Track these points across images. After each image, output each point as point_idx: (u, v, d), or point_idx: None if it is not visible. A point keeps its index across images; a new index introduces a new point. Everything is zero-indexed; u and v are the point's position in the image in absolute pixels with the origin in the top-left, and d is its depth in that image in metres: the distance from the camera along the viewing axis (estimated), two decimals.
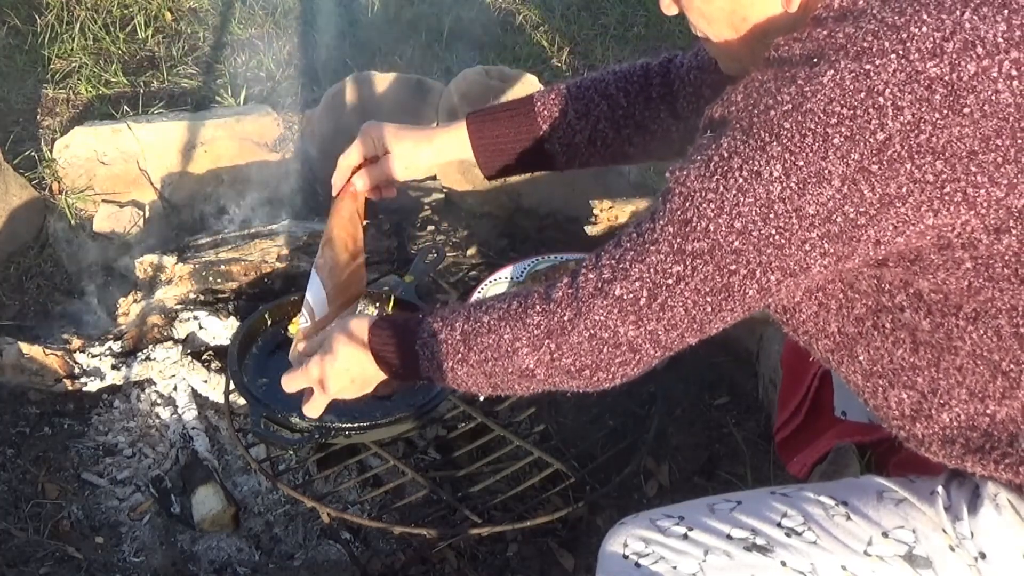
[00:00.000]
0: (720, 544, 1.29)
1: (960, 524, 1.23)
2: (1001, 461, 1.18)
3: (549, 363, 1.25)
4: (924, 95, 1.05)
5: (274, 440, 1.95)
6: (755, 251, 1.12)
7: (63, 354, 2.25)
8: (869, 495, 1.31)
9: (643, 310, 1.19)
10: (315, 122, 2.95)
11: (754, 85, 1.15)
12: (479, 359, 1.30)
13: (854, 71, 1.07)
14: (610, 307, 1.20)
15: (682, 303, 1.17)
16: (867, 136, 1.05)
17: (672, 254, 1.16)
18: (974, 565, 1.23)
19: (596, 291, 1.21)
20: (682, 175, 1.16)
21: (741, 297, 1.16)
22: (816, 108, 1.07)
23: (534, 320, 1.25)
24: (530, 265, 2.28)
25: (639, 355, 1.23)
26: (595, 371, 1.25)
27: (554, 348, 1.24)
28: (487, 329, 1.29)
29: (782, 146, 1.08)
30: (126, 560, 2.00)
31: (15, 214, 2.70)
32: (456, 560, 2.00)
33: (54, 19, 3.57)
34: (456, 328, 1.32)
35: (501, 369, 1.29)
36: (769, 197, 1.09)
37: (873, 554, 1.25)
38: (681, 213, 1.15)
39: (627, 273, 1.19)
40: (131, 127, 2.88)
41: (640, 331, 1.20)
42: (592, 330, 1.22)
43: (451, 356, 1.32)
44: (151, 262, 2.44)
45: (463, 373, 1.32)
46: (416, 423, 1.97)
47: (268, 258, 2.42)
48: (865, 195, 1.07)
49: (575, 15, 3.83)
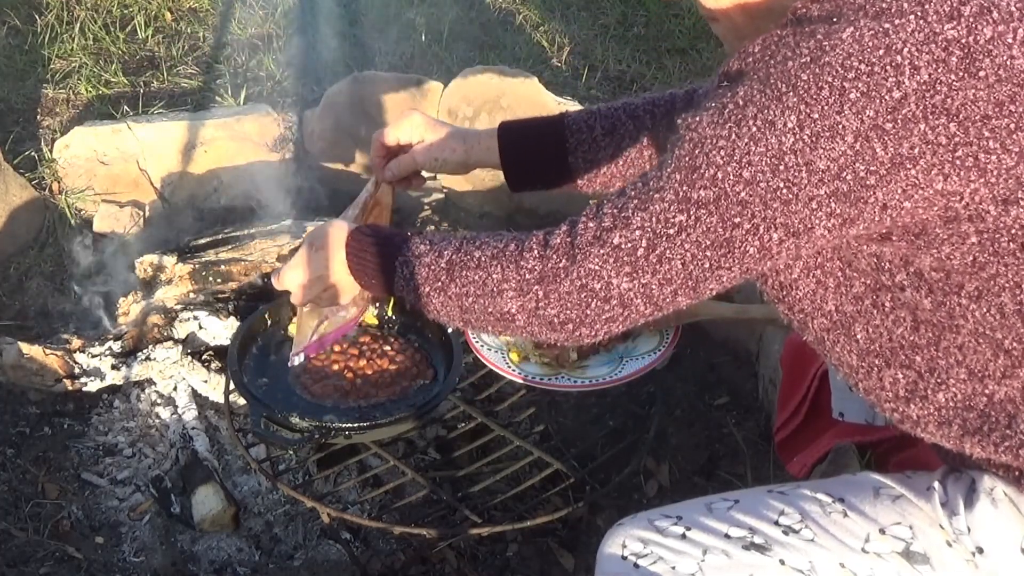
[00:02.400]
0: (718, 543, 1.29)
1: (957, 519, 1.23)
2: (1000, 443, 1.18)
3: (533, 310, 1.24)
4: (941, 56, 1.06)
5: (274, 440, 1.95)
6: (761, 204, 1.11)
7: (63, 354, 2.25)
8: (866, 491, 1.31)
9: (640, 261, 1.17)
10: (315, 122, 2.95)
11: (772, 39, 1.15)
12: (459, 292, 1.29)
13: (873, 29, 1.08)
14: (606, 256, 1.18)
15: (680, 256, 1.16)
16: (883, 93, 1.06)
17: (677, 202, 1.14)
18: (972, 560, 1.23)
19: (594, 239, 1.19)
20: (694, 122, 1.15)
21: (741, 255, 1.15)
22: (834, 62, 1.07)
23: (528, 264, 1.23)
24: None
25: (628, 311, 1.21)
26: (578, 325, 1.23)
27: (541, 296, 1.22)
28: (475, 264, 1.28)
29: (798, 97, 1.08)
30: (126, 560, 2.00)
31: (15, 214, 2.71)
32: (456, 560, 2.00)
33: (54, 19, 3.57)
34: (443, 256, 1.31)
35: (480, 307, 1.28)
36: (781, 148, 1.09)
37: (871, 551, 1.25)
38: (690, 159, 1.14)
39: (628, 222, 1.17)
40: (131, 127, 2.88)
41: (634, 284, 1.18)
42: (584, 279, 1.20)
43: (430, 282, 1.31)
44: (151, 262, 2.44)
45: (438, 302, 1.32)
46: (416, 423, 1.97)
47: (268, 258, 2.42)
48: (877, 153, 1.07)
49: (575, 15, 3.83)
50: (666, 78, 3.53)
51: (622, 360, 2.05)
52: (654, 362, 2.01)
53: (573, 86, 3.46)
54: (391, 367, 2.06)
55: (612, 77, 3.56)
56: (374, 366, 2.07)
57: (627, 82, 3.53)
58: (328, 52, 3.41)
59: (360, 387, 2.02)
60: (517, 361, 2.06)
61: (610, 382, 1.99)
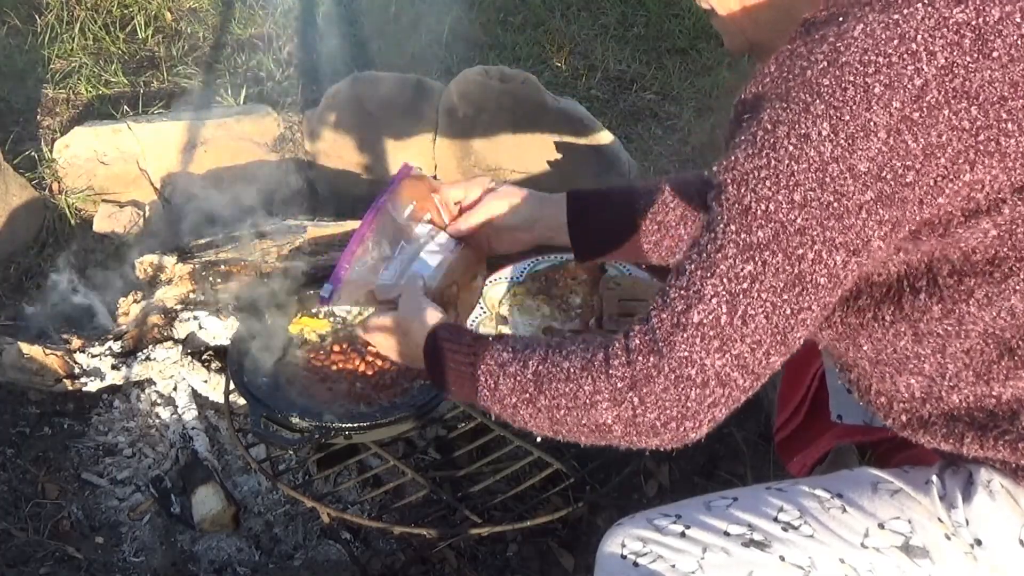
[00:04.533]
0: (718, 541, 1.29)
1: (955, 512, 1.24)
2: (1000, 438, 1.18)
3: (631, 419, 1.18)
4: (954, 39, 1.07)
5: (274, 440, 1.95)
6: (818, 225, 1.09)
7: (63, 354, 2.25)
8: (864, 487, 1.31)
9: (726, 330, 1.13)
10: (315, 122, 2.95)
11: (785, 55, 1.15)
12: (550, 404, 1.24)
13: (883, 21, 1.09)
14: (692, 337, 1.14)
15: (761, 309, 1.12)
16: (905, 82, 1.06)
17: (739, 253, 1.12)
18: (970, 552, 1.23)
19: (674, 326, 1.15)
20: (729, 163, 1.14)
21: (815, 288, 1.12)
22: (852, 60, 1.07)
23: (617, 372, 1.18)
24: (530, 265, 2.28)
25: (727, 389, 1.15)
26: (681, 421, 1.17)
27: (637, 402, 1.17)
28: (565, 376, 1.23)
29: (825, 103, 1.07)
30: (126, 560, 2.00)
31: (15, 214, 2.71)
32: (456, 560, 2.00)
33: (54, 19, 3.57)
34: (529, 366, 1.27)
35: (573, 420, 1.23)
36: (822, 158, 1.07)
37: (870, 546, 1.25)
38: (738, 202, 1.12)
39: (700, 294, 1.14)
40: (131, 127, 2.88)
41: (726, 357, 1.13)
42: (677, 370, 1.15)
43: (518, 393, 1.27)
44: (151, 262, 2.44)
45: (527, 413, 1.27)
46: (416, 423, 1.97)
47: (268, 258, 2.42)
48: (910, 146, 1.07)
49: (575, 15, 3.83)
50: (666, 78, 3.53)
51: None
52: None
53: (573, 86, 3.46)
54: (391, 367, 2.06)
55: (612, 77, 3.56)
56: (374, 367, 2.07)
57: (627, 82, 3.53)
58: (328, 52, 3.42)
59: (360, 388, 2.02)
60: None
61: None
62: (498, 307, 2.21)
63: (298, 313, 2.17)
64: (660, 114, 3.39)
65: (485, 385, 1.31)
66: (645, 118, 3.36)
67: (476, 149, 2.84)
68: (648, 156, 3.14)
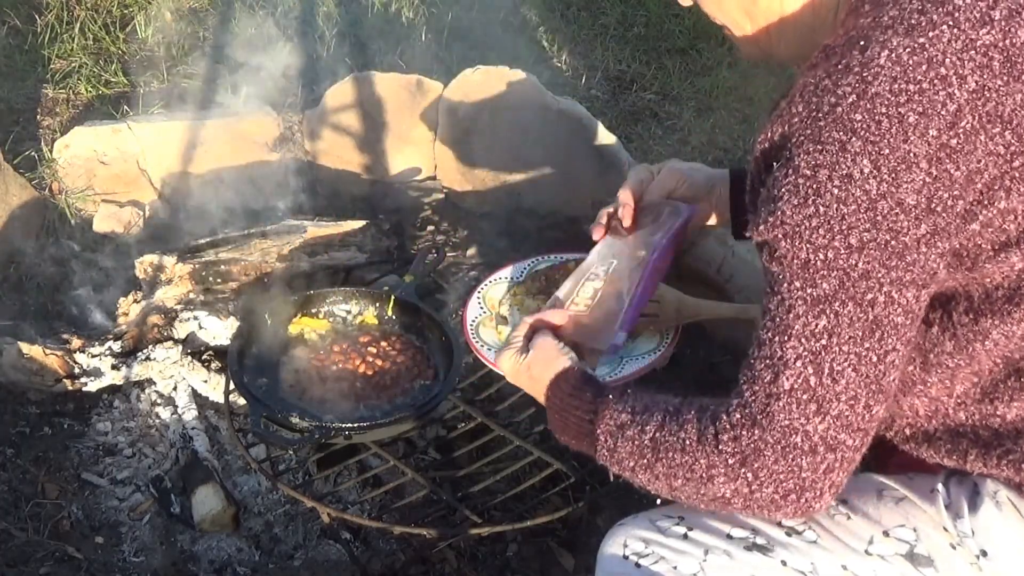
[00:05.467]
0: (720, 544, 1.29)
1: (961, 522, 1.23)
2: (1004, 457, 1.18)
3: (748, 495, 1.15)
4: (983, 62, 1.05)
5: (274, 440, 1.95)
6: (881, 267, 1.07)
7: (63, 354, 2.25)
8: (869, 493, 1.30)
9: (818, 391, 1.10)
10: (315, 122, 2.95)
11: (809, 89, 1.11)
12: (667, 473, 1.22)
13: (909, 46, 1.06)
14: (788, 405, 1.11)
15: (847, 361, 1.09)
16: (939, 109, 1.04)
17: (809, 310, 1.09)
18: (976, 563, 1.22)
19: (768, 397, 1.12)
20: (776, 218, 1.10)
21: (894, 329, 1.09)
22: (882, 91, 1.05)
23: (728, 448, 1.15)
24: (530, 265, 2.28)
25: (837, 452, 1.12)
26: (801, 492, 1.13)
27: (751, 477, 1.14)
28: (681, 447, 1.20)
29: (862, 140, 1.05)
30: (126, 560, 2.00)
31: (15, 214, 2.70)
32: (456, 560, 2.00)
33: (54, 19, 3.57)
34: (647, 431, 1.24)
35: (692, 490, 1.20)
36: (870, 197, 1.05)
37: (874, 553, 1.25)
38: (796, 257, 1.09)
39: (784, 359, 1.11)
40: (131, 127, 2.88)
41: (827, 420, 1.10)
42: (783, 441, 1.11)
43: (635, 457, 1.25)
44: (151, 262, 2.43)
45: (645, 478, 1.25)
46: (416, 423, 1.97)
47: (268, 258, 2.42)
48: (952, 174, 1.05)
49: (575, 15, 3.83)
50: (666, 78, 3.53)
51: (622, 360, 2.04)
52: (654, 362, 2.01)
53: (573, 86, 3.46)
54: (391, 367, 2.06)
55: (612, 77, 3.56)
56: (374, 367, 2.07)
57: (627, 82, 3.53)
58: (328, 52, 3.41)
59: (360, 388, 2.02)
60: None
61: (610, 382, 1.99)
62: (498, 307, 2.21)
63: (298, 313, 2.18)
64: (660, 114, 3.39)
65: (604, 445, 1.29)
66: (645, 118, 3.36)
67: (476, 149, 2.84)
68: (648, 156, 3.13)
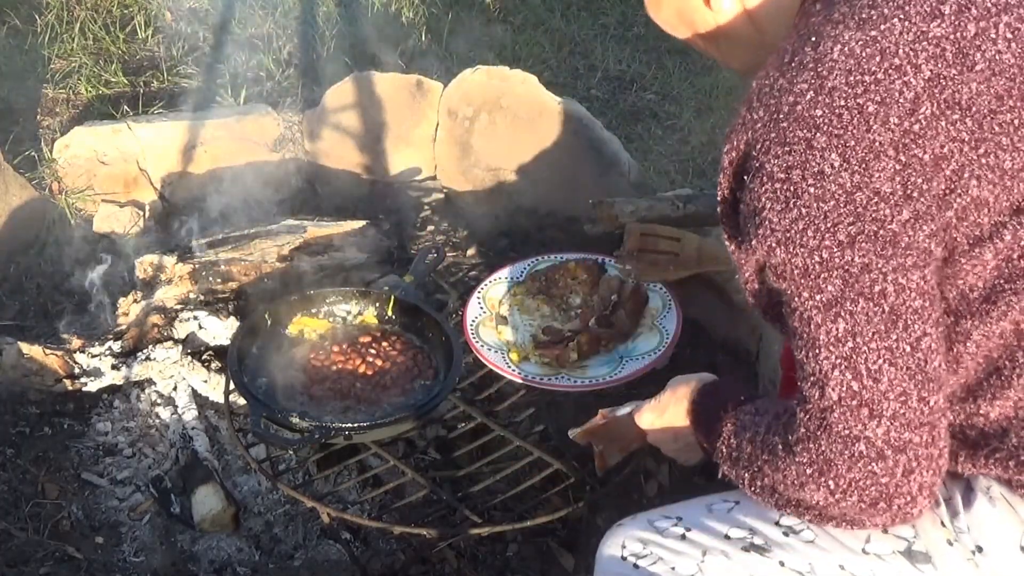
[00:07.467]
0: (718, 544, 1.29)
1: (957, 518, 1.23)
2: (991, 456, 1.18)
3: (837, 502, 1.13)
4: (936, 52, 1.06)
5: (274, 440, 1.95)
6: (878, 257, 1.06)
7: (63, 354, 2.25)
8: None
9: (863, 393, 1.07)
10: (315, 122, 2.95)
11: (765, 91, 1.12)
12: (767, 486, 1.21)
13: (861, 39, 1.07)
14: (842, 415, 1.09)
15: (880, 358, 1.07)
16: (897, 97, 1.05)
17: (826, 317, 1.08)
18: (972, 559, 1.22)
19: (822, 411, 1.10)
20: (765, 230, 1.10)
21: (914, 314, 1.07)
22: (839, 84, 1.06)
23: (803, 458, 1.13)
24: (530, 265, 2.28)
25: (908, 452, 1.08)
26: (890, 500, 1.10)
27: (833, 487, 1.11)
28: (773, 468, 1.19)
29: (826, 135, 1.06)
30: (126, 560, 2.00)
31: (15, 214, 2.70)
32: (456, 560, 2.00)
33: (54, 19, 3.57)
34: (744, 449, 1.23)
35: (791, 496, 1.19)
36: (846, 190, 1.05)
37: (871, 552, 1.25)
38: (793, 268, 1.09)
39: (823, 373, 1.09)
40: (131, 127, 2.88)
41: (883, 422, 1.08)
42: (848, 450, 1.09)
43: (749, 466, 1.23)
44: (151, 262, 2.43)
45: (753, 489, 1.24)
46: (416, 423, 1.97)
47: (268, 258, 2.42)
48: (921, 158, 1.05)
49: (575, 15, 3.83)
50: (666, 78, 3.53)
51: (622, 360, 2.05)
52: (654, 362, 2.01)
53: (573, 86, 3.46)
54: (391, 367, 2.06)
55: (612, 77, 3.56)
56: (374, 367, 2.07)
57: (627, 82, 3.53)
58: (328, 52, 3.42)
59: (360, 388, 2.02)
60: (517, 361, 2.06)
61: (610, 382, 1.99)
62: (498, 307, 2.21)
63: (298, 313, 2.19)
64: (660, 114, 3.39)
65: (725, 458, 1.28)
66: (645, 118, 3.36)
67: (476, 149, 2.84)
68: (648, 156, 3.14)
